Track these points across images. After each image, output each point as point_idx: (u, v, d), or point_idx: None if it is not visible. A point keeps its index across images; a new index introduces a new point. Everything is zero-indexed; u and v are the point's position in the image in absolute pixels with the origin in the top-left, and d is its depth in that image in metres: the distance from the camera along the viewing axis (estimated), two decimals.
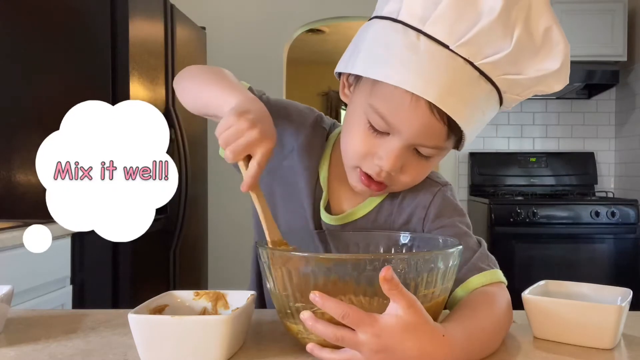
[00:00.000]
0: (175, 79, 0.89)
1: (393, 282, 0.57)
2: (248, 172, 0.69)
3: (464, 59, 0.68)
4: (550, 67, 0.70)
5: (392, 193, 0.85)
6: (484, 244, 0.83)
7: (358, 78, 0.77)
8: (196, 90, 0.84)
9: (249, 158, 0.70)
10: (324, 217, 0.86)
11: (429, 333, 0.58)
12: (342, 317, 0.57)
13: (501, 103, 0.75)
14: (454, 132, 0.72)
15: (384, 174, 0.76)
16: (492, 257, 0.82)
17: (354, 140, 0.77)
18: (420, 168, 0.78)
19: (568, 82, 0.73)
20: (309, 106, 0.92)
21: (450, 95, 0.68)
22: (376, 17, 0.75)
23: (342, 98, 0.81)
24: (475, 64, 0.68)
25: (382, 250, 0.81)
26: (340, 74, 0.81)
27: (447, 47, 0.68)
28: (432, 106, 0.69)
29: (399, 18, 0.71)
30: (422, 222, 0.84)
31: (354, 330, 0.58)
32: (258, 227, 0.92)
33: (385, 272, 0.56)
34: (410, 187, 0.84)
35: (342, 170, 0.82)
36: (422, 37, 0.68)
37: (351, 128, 0.78)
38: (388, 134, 0.73)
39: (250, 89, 0.88)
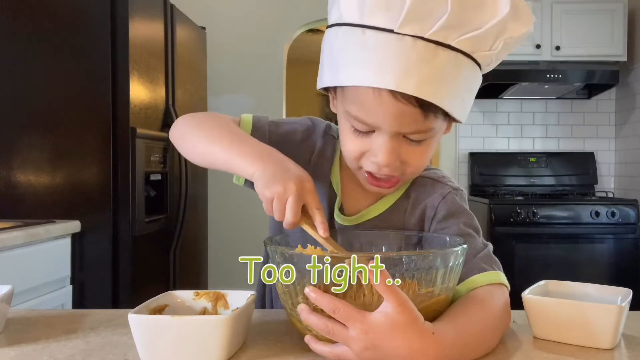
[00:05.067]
0: (171, 132, 0.89)
1: (383, 278, 0.58)
2: (318, 220, 0.71)
3: (412, 36, 0.67)
4: (503, 11, 0.68)
5: (405, 194, 0.87)
6: (491, 247, 0.83)
7: (334, 89, 0.78)
8: (203, 154, 0.84)
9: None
10: (338, 218, 0.87)
11: (418, 331, 0.59)
12: (333, 311, 0.59)
13: (479, 64, 0.73)
14: (431, 110, 0.71)
15: (386, 169, 0.76)
16: (497, 260, 0.81)
17: (346, 146, 0.79)
18: (419, 154, 0.77)
19: (534, 19, 0.72)
20: (313, 117, 0.94)
21: (408, 77, 0.67)
22: (328, 27, 0.77)
23: (333, 110, 0.83)
24: (426, 37, 0.67)
25: (392, 249, 0.82)
26: (324, 90, 0.83)
27: (392, 31, 0.68)
28: (394, 93, 0.68)
29: (343, 21, 0.72)
30: (430, 221, 0.85)
31: (346, 326, 0.59)
32: (274, 227, 0.93)
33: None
34: (424, 188, 0.86)
35: (353, 172, 0.83)
36: (367, 30, 0.69)
37: (342, 136, 0.80)
38: (373, 131, 0.74)
39: (254, 118, 0.89)
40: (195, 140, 0.85)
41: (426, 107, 0.70)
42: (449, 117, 0.75)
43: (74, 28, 2.14)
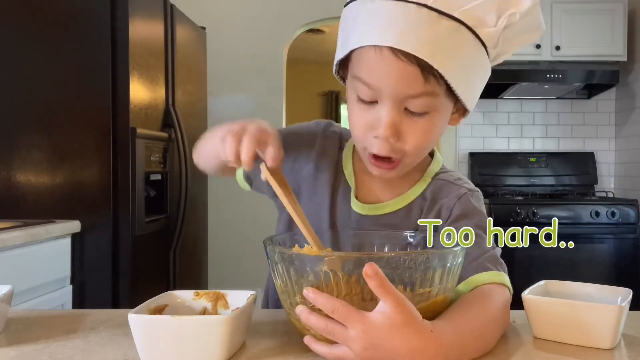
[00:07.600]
0: (193, 155, 0.97)
1: (378, 279, 0.58)
2: (270, 150, 0.72)
3: (416, 3, 0.70)
4: None
5: (422, 195, 0.88)
6: (499, 250, 0.83)
7: (345, 65, 0.80)
8: (204, 160, 0.92)
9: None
10: (355, 206, 0.88)
11: (416, 330, 0.59)
12: (332, 312, 0.59)
13: (484, 43, 0.74)
14: (431, 73, 0.72)
15: (386, 147, 0.76)
16: (503, 263, 0.81)
17: (352, 118, 0.81)
18: (420, 130, 0.77)
19: None
20: (315, 120, 0.98)
21: (409, 36, 0.70)
22: (345, 6, 0.80)
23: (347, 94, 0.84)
24: (429, 4, 0.70)
25: (394, 249, 0.82)
26: (339, 76, 0.85)
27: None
28: (395, 51, 0.71)
29: None
30: (445, 222, 0.85)
31: (345, 326, 0.59)
32: (286, 225, 0.93)
33: (366, 268, 0.58)
34: (441, 190, 0.87)
35: (361, 157, 0.84)
36: (376, 0, 0.73)
37: (349, 111, 0.82)
38: (376, 102, 0.76)
39: None
40: (198, 152, 0.93)
41: (426, 69, 0.71)
42: (454, 96, 0.76)
43: (74, 28, 2.14)
